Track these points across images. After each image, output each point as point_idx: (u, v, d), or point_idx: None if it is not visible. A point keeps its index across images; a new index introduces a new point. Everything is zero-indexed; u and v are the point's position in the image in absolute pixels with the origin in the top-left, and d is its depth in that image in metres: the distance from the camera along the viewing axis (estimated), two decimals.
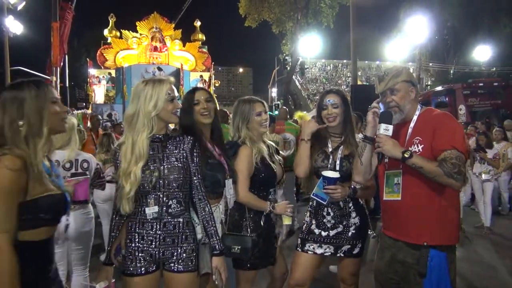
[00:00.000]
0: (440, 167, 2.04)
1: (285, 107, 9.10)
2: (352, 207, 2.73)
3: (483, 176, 6.74)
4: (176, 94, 2.24)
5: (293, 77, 35.26)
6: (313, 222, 2.77)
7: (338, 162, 2.71)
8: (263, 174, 2.73)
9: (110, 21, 21.59)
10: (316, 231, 2.74)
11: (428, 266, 2.12)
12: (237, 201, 2.69)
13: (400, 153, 2.11)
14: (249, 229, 2.67)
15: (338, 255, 2.73)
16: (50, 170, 1.85)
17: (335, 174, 2.58)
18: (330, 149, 2.76)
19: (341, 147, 2.75)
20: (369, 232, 2.80)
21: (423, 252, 2.14)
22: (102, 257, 4.34)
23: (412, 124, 2.28)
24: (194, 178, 2.25)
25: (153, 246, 2.13)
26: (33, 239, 1.72)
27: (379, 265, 2.42)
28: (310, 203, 2.82)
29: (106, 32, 21.71)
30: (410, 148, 2.18)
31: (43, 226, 1.75)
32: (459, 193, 2.29)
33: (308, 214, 2.85)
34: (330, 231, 2.71)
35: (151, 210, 2.13)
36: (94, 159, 3.94)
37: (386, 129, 2.18)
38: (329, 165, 2.71)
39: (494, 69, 28.56)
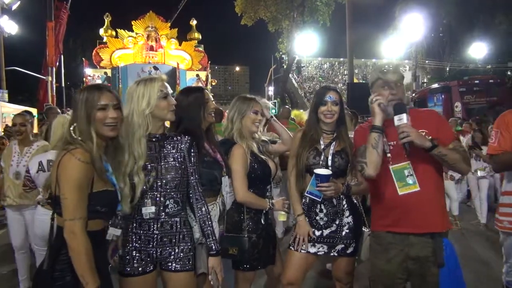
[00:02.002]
0: (459, 154, 2.17)
1: (287, 106, 9.12)
2: (346, 205, 2.72)
3: (479, 173, 6.77)
4: (170, 91, 2.23)
5: (290, 75, 35.27)
6: (306, 220, 2.75)
7: (330, 158, 2.70)
8: (259, 171, 2.73)
9: (106, 20, 21.53)
10: None
11: (444, 255, 2.18)
12: (237, 202, 2.68)
13: (429, 141, 2.13)
14: (249, 230, 2.66)
15: (332, 254, 2.73)
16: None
17: (327, 171, 2.58)
18: (322, 146, 2.75)
19: (333, 143, 2.75)
20: (365, 230, 2.78)
21: (438, 242, 2.18)
22: None
23: None
24: (192, 178, 2.24)
25: (151, 246, 2.13)
26: (90, 229, 1.84)
27: (386, 267, 2.32)
28: (303, 200, 2.80)
29: (101, 31, 21.66)
30: None
31: (98, 218, 1.89)
32: None
33: None
34: (324, 230, 2.70)
35: (148, 210, 2.12)
36: None
37: (407, 119, 2.18)
38: (320, 162, 2.70)
39: (489, 66, 28.59)
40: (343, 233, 2.70)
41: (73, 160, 1.76)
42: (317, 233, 2.71)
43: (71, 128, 1.87)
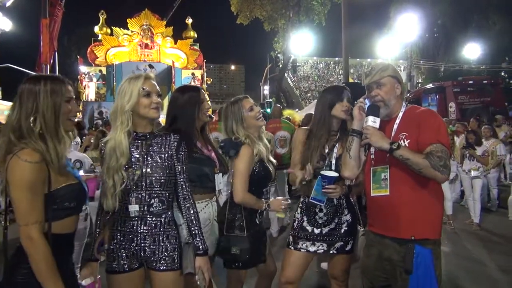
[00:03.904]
0: (427, 159, 2.06)
1: (278, 105, 9.13)
2: (345, 204, 2.74)
3: (473, 173, 6.81)
4: (156, 89, 2.18)
5: (285, 74, 35.27)
6: (305, 218, 2.77)
7: (333, 161, 2.70)
8: (261, 174, 2.72)
9: (101, 18, 21.44)
10: (308, 228, 2.74)
11: (414, 263, 2.14)
12: (232, 201, 2.67)
13: (387, 144, 2.11)
14: (244, 229, 2.65)
15: (331, 252, 2.73)
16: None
17: (335, 174, 2.57)
18: (326, 150, 2.74)
19: (336, 145, 2.74)
20: (359, 228, 2.80)
21: (409, 249, 2.15)
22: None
23: (397, 121, 2.30)
24: (180, 177, 2.21)
25: (135, 244, 2.12)
26: (62, 231, 1.79)
27: (367, 262, 2.42)
28: (301, 199, 2.82)
29: (96, 29, 21.56)
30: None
31: (69, 215, 1.83)
32: (441, 188, 2.31)
33: (299, 210, 2.83)
34: (323, 228, 2.71)
35: (133, 208, 2.11)
36: (89, 159, 3.95)
37: (373, 121, 2.19)
38: (324, 167, 2.69)
39: (483, 66, 28.80)
40: (342, 230, 2.71)
41: (20, 162, 1.64)
42: (316, 231, 2.71)
43: (31, 120, 1.73)
